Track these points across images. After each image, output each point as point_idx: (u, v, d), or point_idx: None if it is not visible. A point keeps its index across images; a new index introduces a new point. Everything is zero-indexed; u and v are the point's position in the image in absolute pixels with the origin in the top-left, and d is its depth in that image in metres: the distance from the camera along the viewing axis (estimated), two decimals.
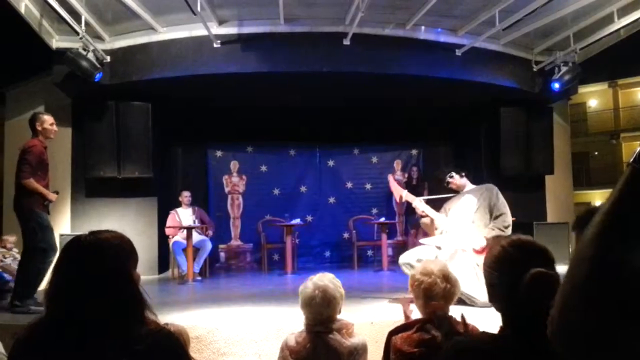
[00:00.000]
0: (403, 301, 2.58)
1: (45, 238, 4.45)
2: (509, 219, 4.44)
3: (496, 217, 4.43)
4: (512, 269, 1.25)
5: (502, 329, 1.29)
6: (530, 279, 1.19)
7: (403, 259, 4.48)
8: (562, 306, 0.65)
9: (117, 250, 1.31)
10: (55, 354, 1.20)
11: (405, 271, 4.36)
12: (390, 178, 5.49)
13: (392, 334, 2.13)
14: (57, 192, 4.64)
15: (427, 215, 4.62)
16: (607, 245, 0.62)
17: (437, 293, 2.10)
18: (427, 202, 4.75)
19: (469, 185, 4.75)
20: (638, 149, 0.64)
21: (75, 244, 1.34)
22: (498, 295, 1.30)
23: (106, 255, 1.28)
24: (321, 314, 2.24)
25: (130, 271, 1.31)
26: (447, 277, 2.15)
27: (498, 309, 1.31)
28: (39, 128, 4.58)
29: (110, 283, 1.25)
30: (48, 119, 4.63)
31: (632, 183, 0.63)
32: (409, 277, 2.26)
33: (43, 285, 5.63)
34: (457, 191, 4.76)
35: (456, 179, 4.73)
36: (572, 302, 0.64)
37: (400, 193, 4.92)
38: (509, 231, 4.35)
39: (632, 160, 0.64)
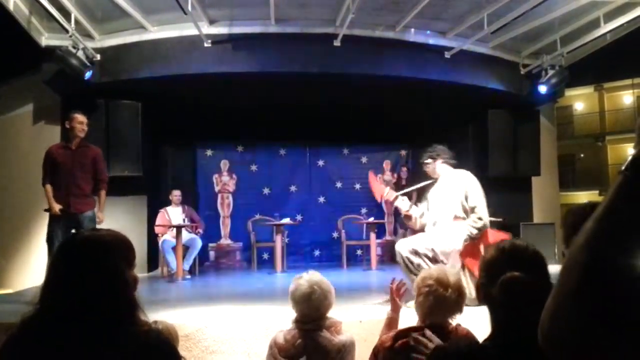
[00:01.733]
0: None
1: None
2: (481, 211, 4.12)
3: (471, 210, 4.15)
4: (497, 273, 1.26)
5: (490, 334, 1.31)
6: (501, 284, 1.21)
7: (403, 251, 4.09)
8: (553, 312, 0.65)
9: (114, 247, 1.31)
10: (46, 350, 1.21)
11: (407, 269, 4.04)
12: (371, 175, 5.08)
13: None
14: (62, 209, 4.61)
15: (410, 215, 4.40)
16: (599, 252, 0.62)
17: (445, 305, 2.02)
18: (410, 193, 4.44)
19: (446, 171, 4.46)
20: (629, 157, 0.64)
21: (73, 241, 1.35)
22: (484, 297, 1.32)
23: (103, 253, 1.28)
24: (318, 310, 2.27)
25: (123, 270, 1.31)
26: (460, 290, 2.06)
27: (489, 311, 1.33)
28: (67, 126, 4.71)
29: (102, 281, 1.25)
30: (76, 117, 4.72)
31: (623, 190, 0.62)
32: (419, 280, 2.14)
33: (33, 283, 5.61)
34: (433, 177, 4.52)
35: (430, 167, 4.50)
36: (562, 309, 0.64)
37: (381, 192, 4.64)
38: (482, 225, 4.09)
39: (623, 168, 0.63)
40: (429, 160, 4.51)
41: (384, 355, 2.04)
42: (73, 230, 4.67)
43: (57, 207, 4.57)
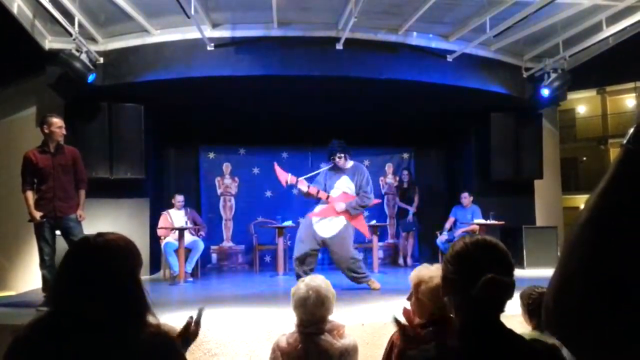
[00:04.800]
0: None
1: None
2: (368, 201, 5.75)
3: (362, 194, 5.67)
4: (469, 268, 1.28)
5: (455, 332, 1.32)
6: (484, 284, 1.23)
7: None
8: (557, 290, 0.64)
9: (125, 252, 1.32)
10: (54, 353, 1.21)
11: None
12: (275, 165, 6.11)
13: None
14: (44, 216, 4.60)
15: (311, 194, 5.70)
16: (602, 228, 0.61)
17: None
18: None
19: (348, 163, 5.79)
20: (631, 129, 0.62)
21: (84, 245, 1.35)
22: (450, 290, 1.34)
23: (115, 257, 1.29)
24: (314, 315, 2.27)
25: (134, 272, 1.32)
26: None
27: (450, 304, 1.34)
28: (46, 131, 4.65)
29: (117, 284, 1.26)
30: (56, 122, 4.68)
31: (626, 164, 0.61)
32: (414, 283, 2.19)
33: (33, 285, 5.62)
34: (336, 166, 5.77)
35: (345, 160, 5.73)
36: (566, 287, 0.63)
37: (286, 178, 5.73)
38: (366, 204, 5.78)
39: (625, 141, 0.62)
40: (346, 157, 5.79)
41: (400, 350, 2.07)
42: (58, 232, 4.69)
43: (37, 215, 4.56)
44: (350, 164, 5.87)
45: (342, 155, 5.74)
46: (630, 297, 0.59)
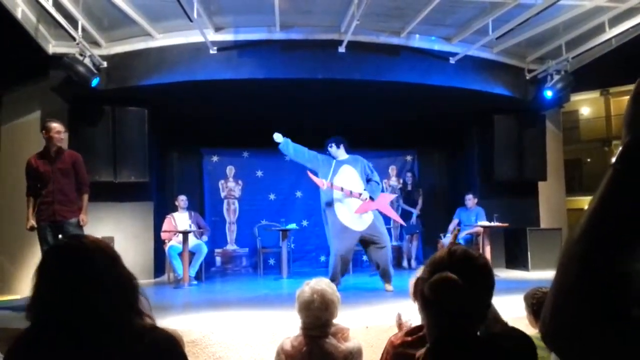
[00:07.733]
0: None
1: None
2: (379, 185, 6.02)
3: (369, 180, 5.84)
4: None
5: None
6: (433, 282, 1.22)
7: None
8: (553, 307, 0.64)
9: (100, 252, 1.28)
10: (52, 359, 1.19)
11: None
12: (308, 172, 6.15)
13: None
14: (33, 227, 4.70)
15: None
16: (595, 244, 0.61)
17: None
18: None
19: (343, 155, 5.97)
20: (620, 149, 0.63)
21: (56, 251, 1.32)
22: (420, 294, 1.31)
23: (91, 258, 1.25)
24: (319, 318, 2.27)
25: (117, 273, 1.27)
26: None
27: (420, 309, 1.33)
28: (45, 136, 4.73)
29: (96, 286, 1.21)
30: (54, 127, 4.75)
31: (615, 184, 0.62)
32: (414, 285, 2.27)
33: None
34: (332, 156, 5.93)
35: (333, 150, 5.93)
36: (562, 304, 0.63)
37: (322, 182, 5.80)
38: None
39: (613, 161, 0.63)
40: (334, 147, 5.98)
41: (396, 352, 2.07)
42: (60, 236, 4.72)
43: (31, 223, 4.68)
44: (345, 155, 6.03)
45: (332, 144, 5.96)
46: (625, 314, 0.59)
